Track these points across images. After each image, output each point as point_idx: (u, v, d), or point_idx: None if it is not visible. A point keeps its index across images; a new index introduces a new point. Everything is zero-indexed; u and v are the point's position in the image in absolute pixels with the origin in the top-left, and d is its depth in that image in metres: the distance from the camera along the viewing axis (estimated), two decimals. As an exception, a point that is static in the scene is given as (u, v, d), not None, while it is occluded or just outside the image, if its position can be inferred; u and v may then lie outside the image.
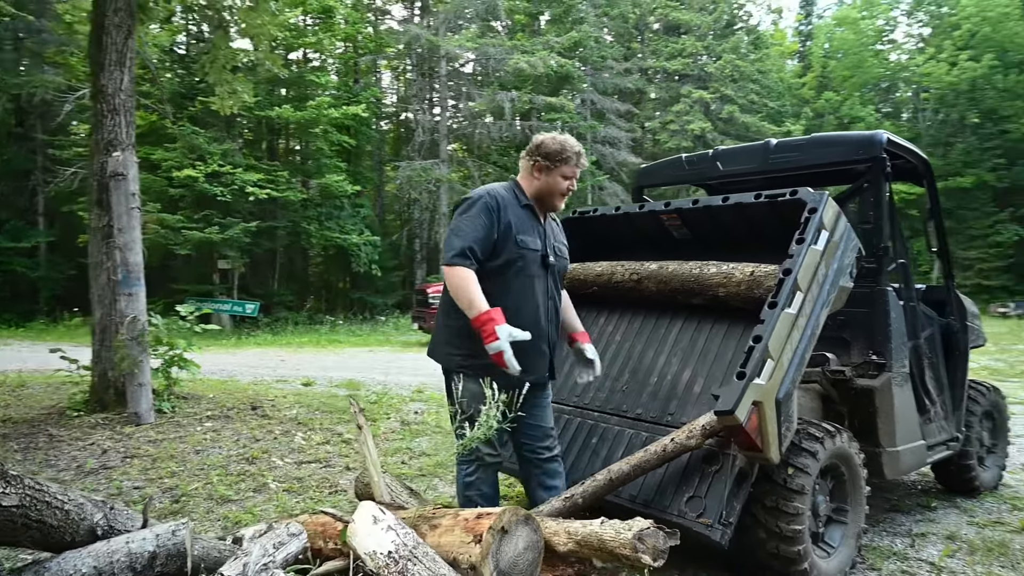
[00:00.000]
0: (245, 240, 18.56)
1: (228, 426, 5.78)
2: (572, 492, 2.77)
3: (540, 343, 2.83)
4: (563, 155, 2.84)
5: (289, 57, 23.35)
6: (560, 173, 2.85)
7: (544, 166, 2.85)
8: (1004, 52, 34.74)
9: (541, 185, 2.88)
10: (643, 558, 2.11)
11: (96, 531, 1.94)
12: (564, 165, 2.85)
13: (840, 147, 3.64)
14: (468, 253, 2.66)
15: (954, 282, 4.30)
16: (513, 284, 2.77)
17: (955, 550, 3.38)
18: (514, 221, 2.79)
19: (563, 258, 3.02)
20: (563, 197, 2.91)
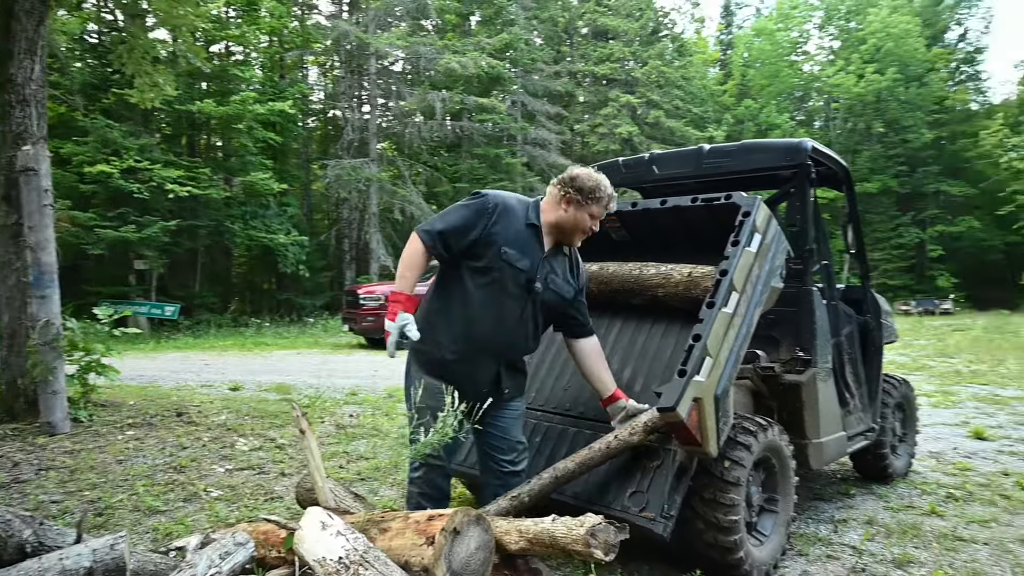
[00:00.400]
0: (164, 239, 17.75)
1: (152, 434, 5.53)
2: (518, 491, 2.79)
3: (490, 360, 2.79)
4: (596, 194, 2.76)
5: (211, 50, 22.50)
6: (589, 211, 2.77)
7: (575, 200, 2.76)
8: (906, 66, 37.14)
9: (567, 218, 2.78)
10: (595, 553, 2.16)
11: (25, 548, 1.82)
12: (595, 204, 2.77)
13: (768, 153, 3.81)
14: (436, 236, 2.66)
15: (871, 282, 4.57)
16: (485, 291, 2.70)
17: (874, 534, 3.59)
18: (505, 233, 2.70)
19: (558, 292, 2.83)
20: (583, 235, 2.84)
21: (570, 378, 3.46)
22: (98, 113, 17.68)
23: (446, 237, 2.68)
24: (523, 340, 2.87)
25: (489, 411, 2.79)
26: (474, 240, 2.68)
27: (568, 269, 2.92)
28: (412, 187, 23.67)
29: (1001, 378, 9.85)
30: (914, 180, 37.59)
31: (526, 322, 2.81)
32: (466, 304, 2.72)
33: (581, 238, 2.86)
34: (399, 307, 2.59)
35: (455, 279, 2.74)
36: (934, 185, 37.37)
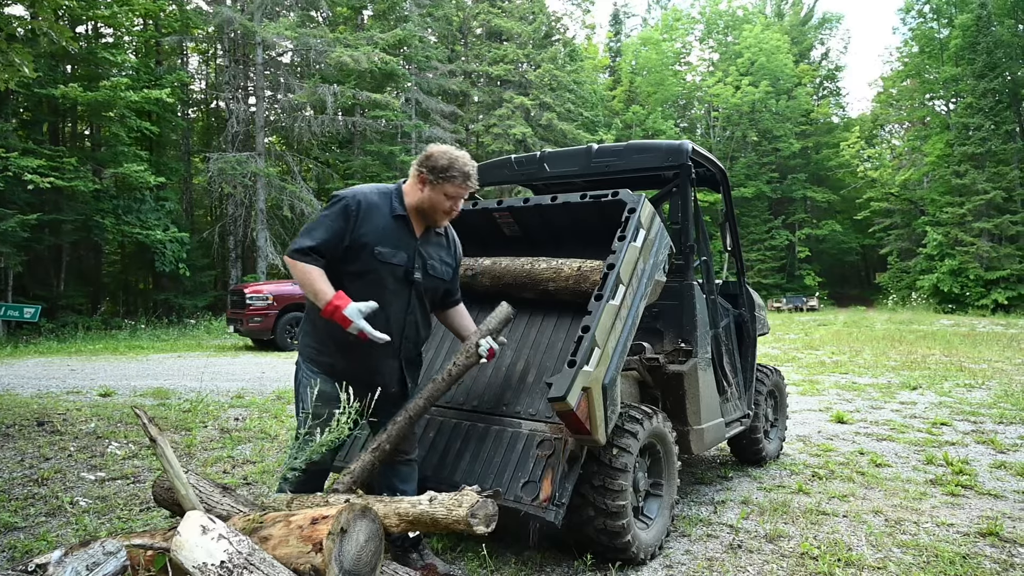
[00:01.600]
0: (22, 234, 16.22)
1: (9, 445, 5.05)
2: (377, 441, 2.72)
3: (388, 358, 2.79)
4: (449, 172, 2.68)
5: (76, 29, 20.79)
6: (443, 191, 2.71)
7: (428, 179, 2.70)
8: (777, 80, 39.90)
9: (424, 198, 2.73)
10: (478, 529, 2.18)
11: None
12: (448, 183, 2.69)
13: (652, 154, 3.98)
14: (310, 252, 2.60)
15: (745, 278, 4.88)
16: (367, 294, 2.65)
17: (749, 512, 3.84)
18: (374, 232, 2.66)
19: (437, 277, 2.86)
20: (446, 215, 2.78)
21: (464, 372, 3.47)
22: (-59, 94, 15.91)
23: (321, 251, 2.61)
24: (415, 331, 2.88)
25: (388, 408, 2.79)
26: (348, 245, 2.64)
27: (444, 249, 2.93)
28: (302, 183, 22.88)
29: (858, 367, 10.78)
30: (784, 186, 40.51)
31: (414, 312, 2.82)
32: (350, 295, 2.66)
33: (445, 218, 2.80)
34: (338, 312, 2.52)
35: (340, 285, 2.67)
36: (801, 191, 40.42)
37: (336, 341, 2.71)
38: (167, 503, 2.87)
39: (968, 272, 29.29)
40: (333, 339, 2.71)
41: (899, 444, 5.60)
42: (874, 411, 7.10)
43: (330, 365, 2.75)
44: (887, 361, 11.59)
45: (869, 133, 41.30)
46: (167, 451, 2.34)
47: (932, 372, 10.06)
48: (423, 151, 2.80)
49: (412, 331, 2.85)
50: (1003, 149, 30.00)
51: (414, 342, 2.91)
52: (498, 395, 3.29)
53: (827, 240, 41.04)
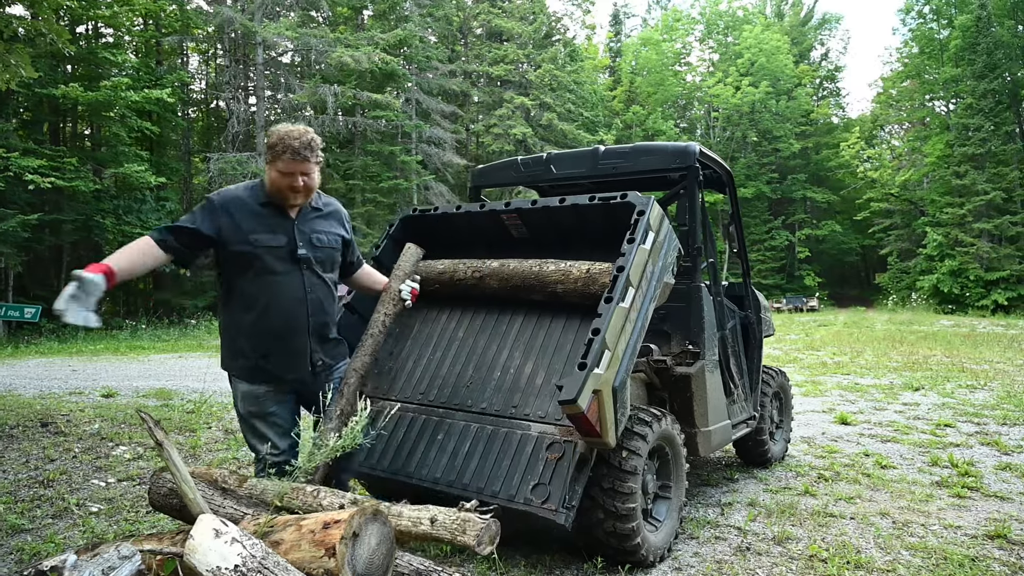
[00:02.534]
0: (23, 235, 16.21)
1: (13, 446, 5.04)
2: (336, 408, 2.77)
3: (297, 340, 2.74)
4: (276, 149, 2.61)
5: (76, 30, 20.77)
6: (276, 168, 2.63)
7: (268, 160, 2.67)
8: (776, 80, 39.89)
9: (271, 177, 2.67)
10: (483, 551, 2.19)
11: None
12: (278, 160, 2.62)
13: (659, 156, 3.98)
14: (164, 231, 2.60)
15: (751, 280, 4.88)
16: (259, 283, 2.67)
17: (756, 514, 3.84)
18: (246, 221, 2.65)
19: (326, 247, 2.83)
20: (292, 192, 2.66)
21: (471, 374, 3.46)
22: (-59, 94, 15.88)
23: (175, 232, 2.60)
24: (320, 308, 2.81)
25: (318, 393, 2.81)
26: (218, 239, 2.63)
27: (327, 221, 2.89)
28: (302, 183, 22.86)
29: (860, 368, 10.78)
30: (784, 187, 40.54)
31: (314, 289, 2.78)
32: (249, 306, 2.68)
33: (293, 195, 2.69)
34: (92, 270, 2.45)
35: (230, 292, 2.71)
36: (801, 192, 40.45)
37: (246, 337, 2.71)
38: (165, 508, 2.85)
39: (968, 273, 29.30)
40: (242, 336, 2.72)
41: (904, 446, 5.60)
42: (877, 412, 7.10)
43: (245, 368, 2.74)
44: (889, 362, 11.59)
45: (869, 134, 41.34)
46: (173, 455, 2.33)
47: (934, 373, 10.06)
48: None
49: (317, 308, 2.79)
50: (1003, 150, 30.03)
51: (322, 321, 2.83)
52: (507, 397, 3.29)
53: (827, 240, 41.08)
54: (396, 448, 3.34)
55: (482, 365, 3.48)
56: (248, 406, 2.76)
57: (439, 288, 3.76)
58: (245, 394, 2.74)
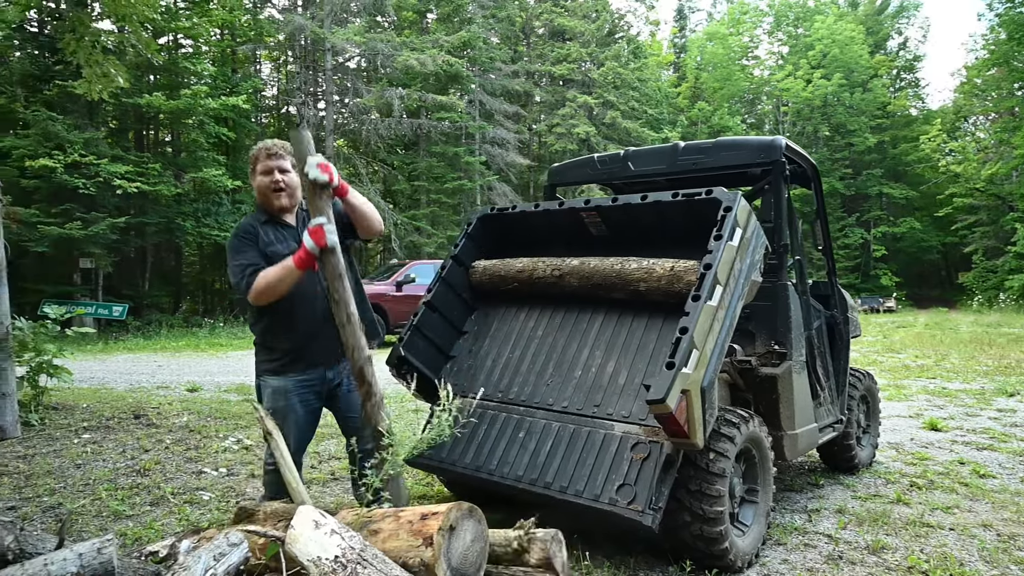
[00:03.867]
0: (112, 237, 17.11)
1: (110, 437, 5.32)
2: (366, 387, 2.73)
3: (323, 329, 2.91)
4: (253, 156, 2.96)
5: (159, 41, 21.78)
6: (258, 173, 2.94)
7: (250, 174, 3.00)
8: (850, 72, 38.41)
9: (257, 188, 2.97)
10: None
11: (7, 555, 1.72)
12: (259, 163, 2.94)
13: (743, 151, 3.87)
14: (253, 269, 2.79)
15: (837, 278, 4.70)
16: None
17: (847, 522, 3.69)
18: (263, 240, 2.90)
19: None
20: (277, 193, 2.91)
21: (552, 373, 3.45)
22: (39, 105, 16.92)
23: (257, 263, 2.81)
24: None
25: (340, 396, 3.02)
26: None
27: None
28: (369, 185, 23.38)
29: (946, 372, 10.25)
30: (858, 182, 38.96)
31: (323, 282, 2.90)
32: (276, 310, 2.86)
33: (280, 196, 2.92)
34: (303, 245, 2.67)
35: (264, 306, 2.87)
36: (877, 188, 38.79)
37: (278, 337, 2.92)
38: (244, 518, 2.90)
39: (1062, 272, 27.50)
40: (275, 337, 2.93)
41: (1002, 454, 5.29)
42: (970, 418, 6.72)
43: (279, 363, 2.93)
44: (977, 366, 10.97)
45: (951, 125, 39.25)
46: (281, 445, 2.41)
47: (1030, 378, 9.46)
48: None
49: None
50: (1102, 140, 28.04)
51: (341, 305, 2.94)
52: (588, 396, 3.26)
53: (905, 238, 39.26)
54: (477, 445, 3.36)
55: (562, 364, 3.46)
56: (276, 402, 2.92)
57: (518, 286, 3.76)
58: (276, 389, 2.93)
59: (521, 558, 2.30)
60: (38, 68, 18.27)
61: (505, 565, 2.32)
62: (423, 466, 3.56)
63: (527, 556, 2.29)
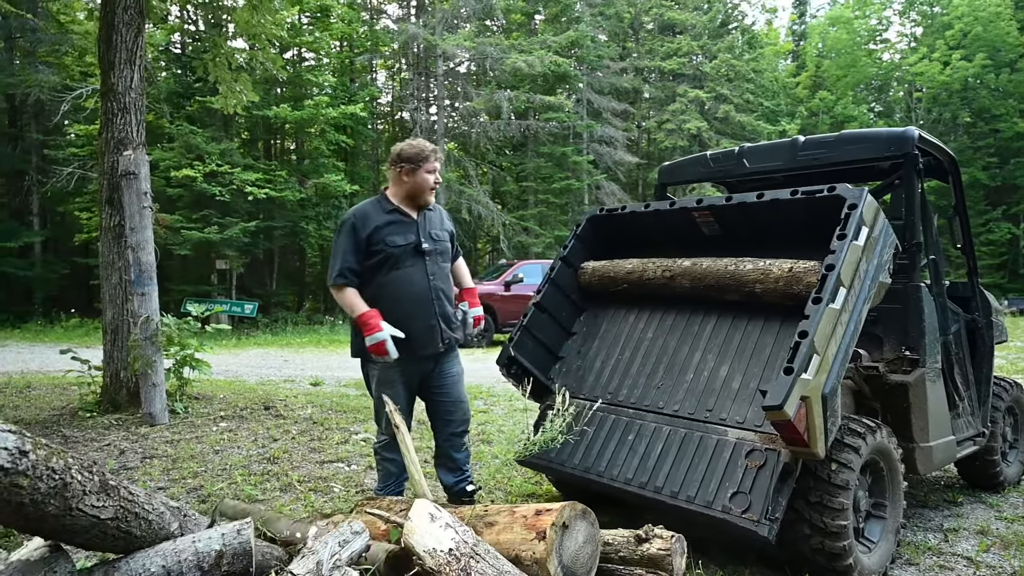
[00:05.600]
0: (244, 240, 18.46)
1: (244, 426, 5.75)
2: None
3: (429, 319, 3.26)
4: (423, 155, 3.27)
5: (285, 56, 23.24)
6: (424, 170, 3.27)
7: (409, 169, 3.27)
8: (996, 51, 35.04)
9: (411, 186, 3.29)
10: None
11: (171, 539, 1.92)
12: (425, 163, 3.27)
13: (870, 144, 3.64)
14: (346, 273, 3.18)
15: (979, 278, 4.32)
16: (392, 276, 3.22)
17: (989, 545, 3.39)
18: (379, 228, 3.22)
19: (441, 241, 3.41)
20: (432, 191, 3.33)
21: (662, 376, 3.40)
22: (182, 120, 18.52)
23: (349, 266, 3.19)
24: (440, 291, 3.34)
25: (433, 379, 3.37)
26: (364, 248, 3.20)
27: (439, 221, 3.46)
28: (479, 186, 23.86)
29: (1112, 382, 9.15)
30: (1005, 172, 35.42)
31: (435, 276, 3.33)
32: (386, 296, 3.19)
33: (431, 194, 3.34)
34: (374, 319, 3.11)
35: (372, 287, 3.22)
36: (1027, 177, 35.12)
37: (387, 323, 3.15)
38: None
39: None
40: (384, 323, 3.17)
41: None
42: None
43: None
44: None
45: (1118, 106, 34.94)
46: (407, 439, 2.52)
47: None
48: (392, 153, 3.35)
49: (438, 292, 3.32)
50: None
51: (444, 302, 3.36)
52: (700, 401, 3.18)
53: (1061, 233, 35.32)
54: (586, 446, 3.36)
55: (673, 366, 3.40)
56: (384, 389, 3.23)
57: (627, 288, 3.73)
58: (380, 379, 3.28)
59: (641, 546, 2.28)
60: (181, 86, 19.99)
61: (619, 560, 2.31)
62: (532, 465, 3.60)
63: (647, 545, 2.26)
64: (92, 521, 1.67)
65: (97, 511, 1.67)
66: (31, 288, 21.13)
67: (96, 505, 1.66)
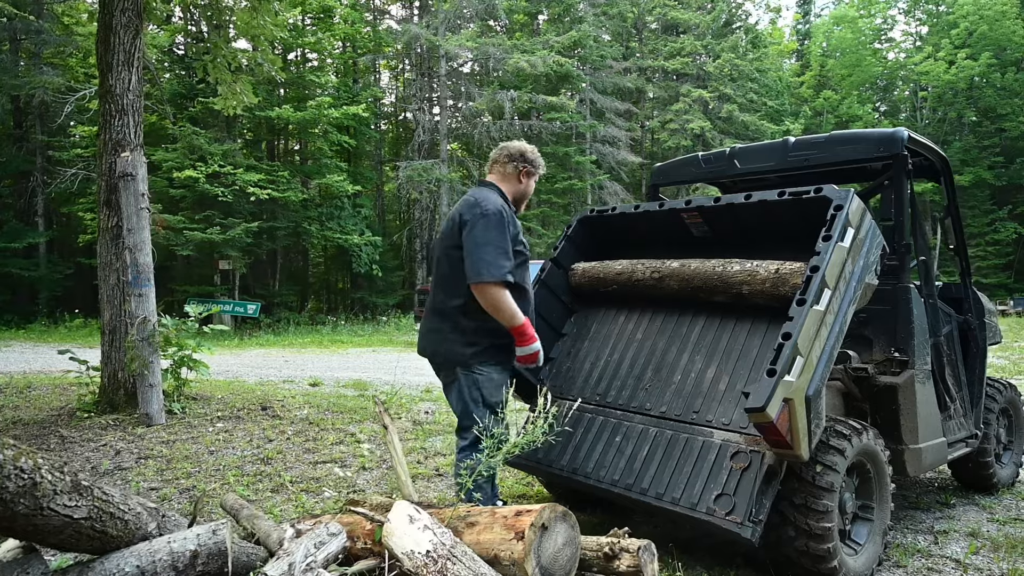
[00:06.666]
0: (246, 240, 18.53)
1: (240, 427, 5.76)
2: None
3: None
4: (537, 163, 3.23)
5: (288, 57, 23.32)
6: (534, 180, 3.24)
7: (529, 171, 3.20)
8: (1001, 50, 34.88)
9: (524, 189, 3.21)
10: None
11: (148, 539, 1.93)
12: (536, 172, 3.24)
13: (860, 144, 3.63)
14: (513, 273, 2.92)
15: (971, 279, 4.31)
16: (522, 275, 3.05)
17: (979, 547, 3.37)
18: (517, 226, 3.08)
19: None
20: (528, 201, 3.29)
21: (650, 377, 3.40)
22: (185, 121, 18.59)
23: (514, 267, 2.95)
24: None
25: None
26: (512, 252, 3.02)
27: None
28: (481, 187, 23.85)
29: (1115, 383, 9.10)
30: (1011, 171, 35.22)
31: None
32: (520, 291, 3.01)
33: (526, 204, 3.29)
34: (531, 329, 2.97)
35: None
36: (1033, 177, 34.90)
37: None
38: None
39: None
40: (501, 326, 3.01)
41: None
42: None
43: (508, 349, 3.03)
44: None
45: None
46: (395, 440, 2.53)
47: None
48: (510, 148, 3.21)
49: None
50: None
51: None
52: (687, 402, 3.18)
53: (1067, 233, 35.10)
54: (574, 447, 3.36)
55: (661, 368, 3.40)
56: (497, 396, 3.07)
57: (617, 289, 3.73)
58: (499, 383, 3.08)
59: (611, 564, 2.29)
60: (184, 87, 20.07)
61: (594, 572, 2.31)
62: (521, 466, 3.61)
63: (617, 563, 2.27)
64: (65, 521, 1.68)
65: (70, 511, 1.68)
66: (36, 288, 21.26)
67: (68, 505, 1.68)
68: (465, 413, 3.02)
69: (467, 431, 2.99)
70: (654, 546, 2.41)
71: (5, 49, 20.24)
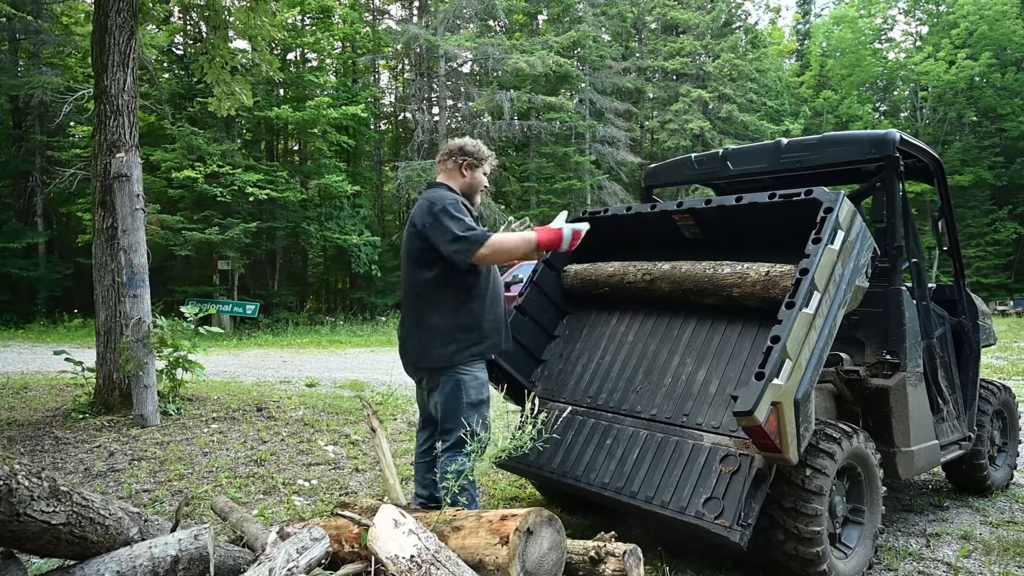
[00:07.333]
0: (245, 241, 18.51)
1: (234, 428, 5.76)
2: None
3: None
4: (485, 155, 3.23)
5: (287, 57, 23.30)
6: (482, 171, 3.23)
7: (471, 164, 3.19)
8: (1002, 50, 34.86)
9: (470, 182, 3.20)
10: None
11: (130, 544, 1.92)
12: (485, 163, 3.24)
13: (852, 146, 3.63)
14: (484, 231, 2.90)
15: (965, 281, 4.30)
16: (478, 272, 3.03)
17: (971, 550, 3.37)
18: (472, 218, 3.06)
19: None
20: (482, 193, 3.28)
21: (641, 380, 3.39)
22: (184, 121, 18.58)
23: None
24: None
25: None
26: None
27: None
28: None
29: (1113, 384, 9.08)
30: (1011, 172, 35.19)
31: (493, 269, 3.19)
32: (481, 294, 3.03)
33: (481, 196, 3.29)
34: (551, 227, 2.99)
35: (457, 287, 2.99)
36: (1033, 177, 34.85)
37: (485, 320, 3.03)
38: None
39: None
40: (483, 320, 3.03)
41: None
42: None
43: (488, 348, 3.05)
44: None
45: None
46: (383, 442, 2.52)
47: None
48: (451, 145, 3.23)
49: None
50: None
51: None
52: (678, 405, 3.17)
53: (1067, 233, 35.04)
54: (564, 450, 3.36)
55: (652, 370, 3.39)
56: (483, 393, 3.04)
57: (609, 291, 3.72)
58: (484, 381, 3.06)
59: (597, 568, 2.28)
60: (182, 87, 20.06)
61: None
62: (512, 469, 3.60)
63: (603, 567, 2.26)
64: (43, 527, 1.68)
65: (48, 516, 1.67)
66: (34, 288, 21.25)
67: (46, 511, 1.67)
68: (450, 415, 2.98)
69: (449, 433, 2.95)
70: (640, 550, 2.40)
71: (4, 49, 20.24)
